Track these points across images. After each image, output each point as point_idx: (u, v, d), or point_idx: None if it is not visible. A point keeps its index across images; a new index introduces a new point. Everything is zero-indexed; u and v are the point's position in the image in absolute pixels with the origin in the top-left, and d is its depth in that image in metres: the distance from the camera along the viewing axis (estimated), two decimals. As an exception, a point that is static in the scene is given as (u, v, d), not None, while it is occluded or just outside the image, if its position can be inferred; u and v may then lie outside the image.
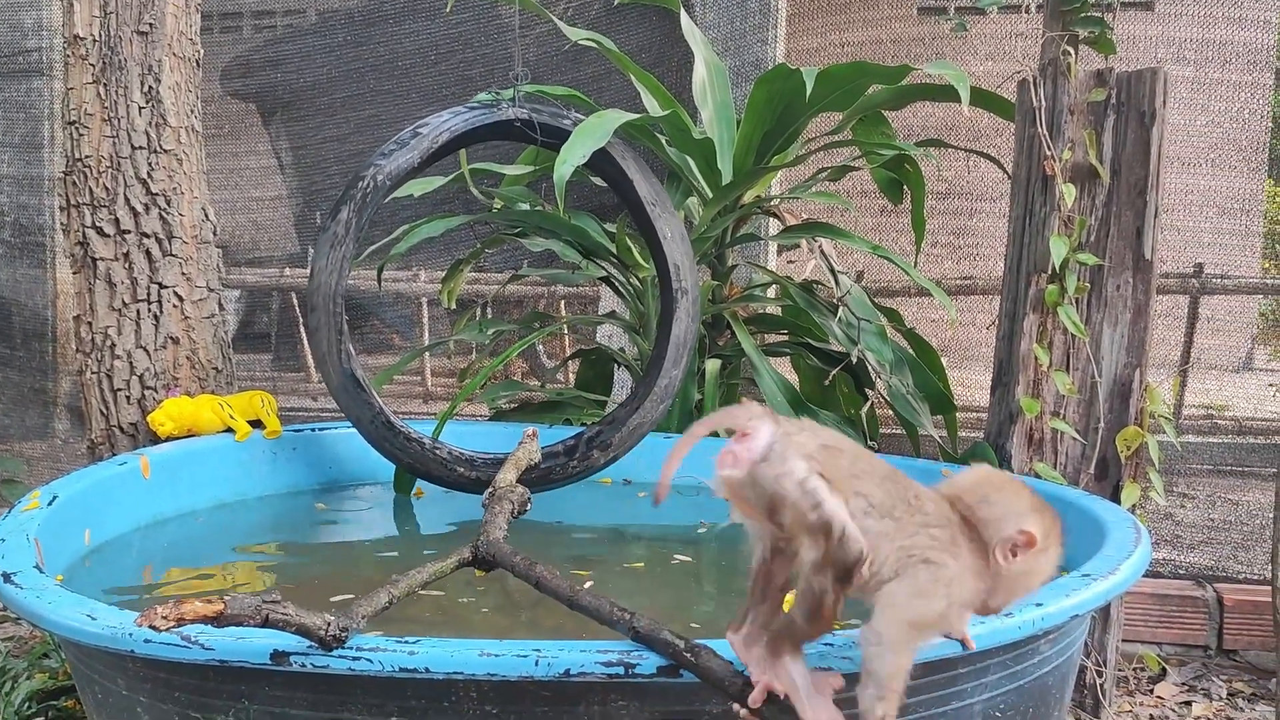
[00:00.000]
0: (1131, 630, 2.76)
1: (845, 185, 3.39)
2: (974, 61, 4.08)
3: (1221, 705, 2.56)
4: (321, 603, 1.41)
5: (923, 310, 3.96)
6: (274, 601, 1.30)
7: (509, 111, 2.45)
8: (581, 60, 4.12)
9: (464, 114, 2.44)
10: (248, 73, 5.44)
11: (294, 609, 1.32)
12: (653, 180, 2.54)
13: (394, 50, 4.81)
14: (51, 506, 2.00)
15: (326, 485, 2.61)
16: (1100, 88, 2.38)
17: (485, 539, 1.67)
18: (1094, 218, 2.41)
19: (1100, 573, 1.66)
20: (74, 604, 1.51)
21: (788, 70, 2.64)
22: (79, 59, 2.59)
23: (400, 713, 1.40)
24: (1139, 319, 2.41)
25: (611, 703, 1.38)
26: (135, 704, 1.53)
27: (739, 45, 3.93)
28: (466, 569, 1.67)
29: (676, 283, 2.51)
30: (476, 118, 2.43)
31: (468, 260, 3.22)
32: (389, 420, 2.34)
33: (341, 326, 2.31)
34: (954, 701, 1.49)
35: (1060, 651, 1.66)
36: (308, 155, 5.37)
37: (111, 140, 2.57)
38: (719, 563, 2.31)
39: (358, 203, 2.32)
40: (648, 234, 2.55)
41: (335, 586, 2.02)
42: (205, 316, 2.68)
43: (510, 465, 2.09)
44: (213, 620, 1.27)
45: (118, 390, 2.58)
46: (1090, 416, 2.43)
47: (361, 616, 1.39)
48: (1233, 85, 4.51)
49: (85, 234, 2.58)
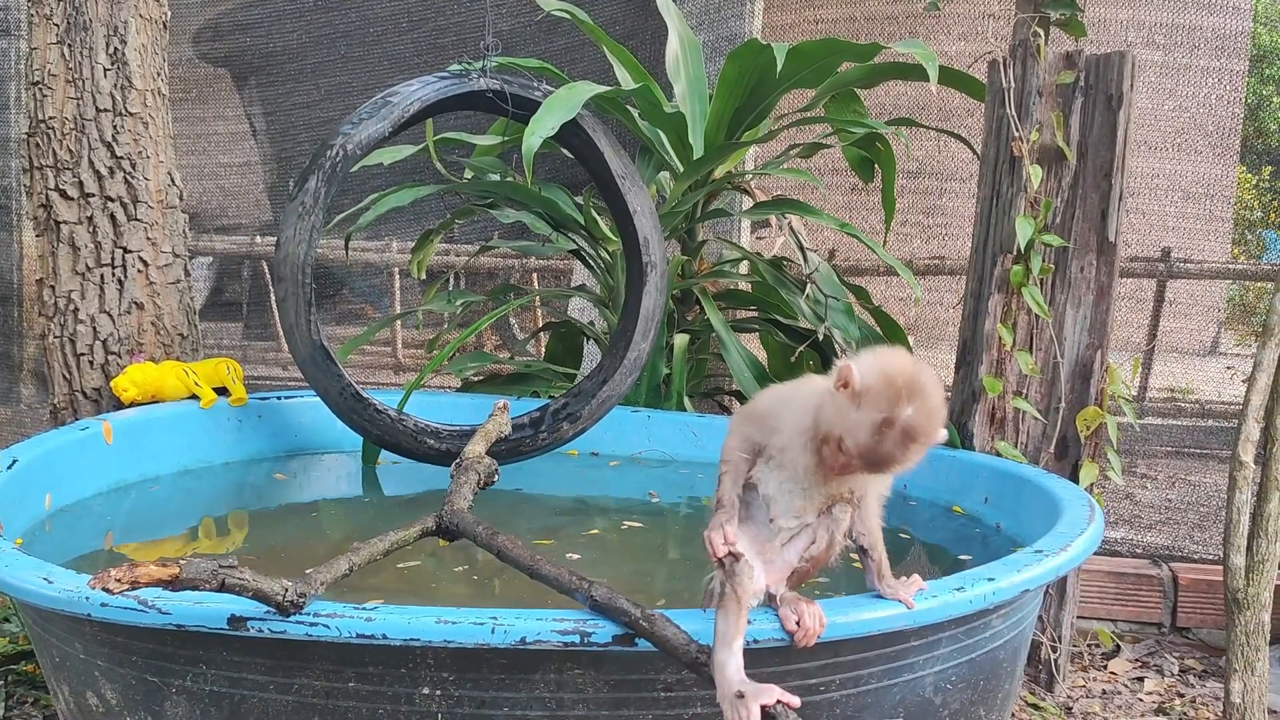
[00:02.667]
0: (1087, 607, 2.81)
1: (816, 163, 3.40)
2: (947, 41, 4.09)
3: (1173, 681, 2.61)
4: (286, 570, 1.41)
5: (891, 289, 3.98)
6: (230, 566, 1.30)
7: (480, 82, 2.43)
8: (554, 32, 4.10)
9: (435, 84, 2.41)
10: (218, 36, 5.37)
11: (250, 574, 1.32)
12: (623, 154, 2.54)
13: (365, 17, 4.77)
14: (11, 470, 1.99)
15: (290, 453, 2.61)
16: (1069, 70, 2.40)
17: (450, 509, 1.68)
18: (1060, 199, 2.43)
19: (1052, 549, 1.69)
20: (31, 567, 1.51)
21: (759, 46, 2.64)
22: (43, 18, 2.55)
23: (358, 679, 1.41)
24: (1102, 300, 2.44)
25: (567, 671, 1.39)
26: (93, 667, 1.53)
27: (714, 20, 3.92)
28: (430, 539, 1.68)
29: (646, 256, 2.51)
30: (447, 87, 2.41)
31: (437, 231, 3.21)
32: (357, 392, 2.34)
33: (310, 298, 2.29)
34: (905, 674, 1.51)
35: (1012, 626, 1.68)
36: (278, 121, 5.31)
37: (76, 102, 2.54)
38: (680, 534, 2.33)
39: (326, 172, 2.29)
40: (617, 208, 2.55)
41: (300, 554, 2.03)
42: (170, 282, 2.66)
43: (480, 437, 2.09)
44: (167, 584, 1.26)
45: (80, 355, 2.56)
46: (1052, 396, 2.46)
47: (320, 583, 1.40)
48: (1201, 71, 4.54)
49: (49, 197, 2.55)
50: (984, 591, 1.51)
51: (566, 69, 2.98)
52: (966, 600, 1.50)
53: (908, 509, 2.37)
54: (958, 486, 2.34)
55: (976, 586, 1.51)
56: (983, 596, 1.51)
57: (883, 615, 1.43)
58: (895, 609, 1.43)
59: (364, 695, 1.41)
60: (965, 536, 2.20)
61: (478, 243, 4.42)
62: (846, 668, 1.46)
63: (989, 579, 1.53)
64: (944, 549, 2.19)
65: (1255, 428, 2.24)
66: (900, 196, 3.07)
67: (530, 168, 2.28)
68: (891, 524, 2.32)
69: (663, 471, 2.64)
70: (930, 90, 2.58)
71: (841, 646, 1.44)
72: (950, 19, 4.19)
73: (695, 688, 1.41)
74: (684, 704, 1.42)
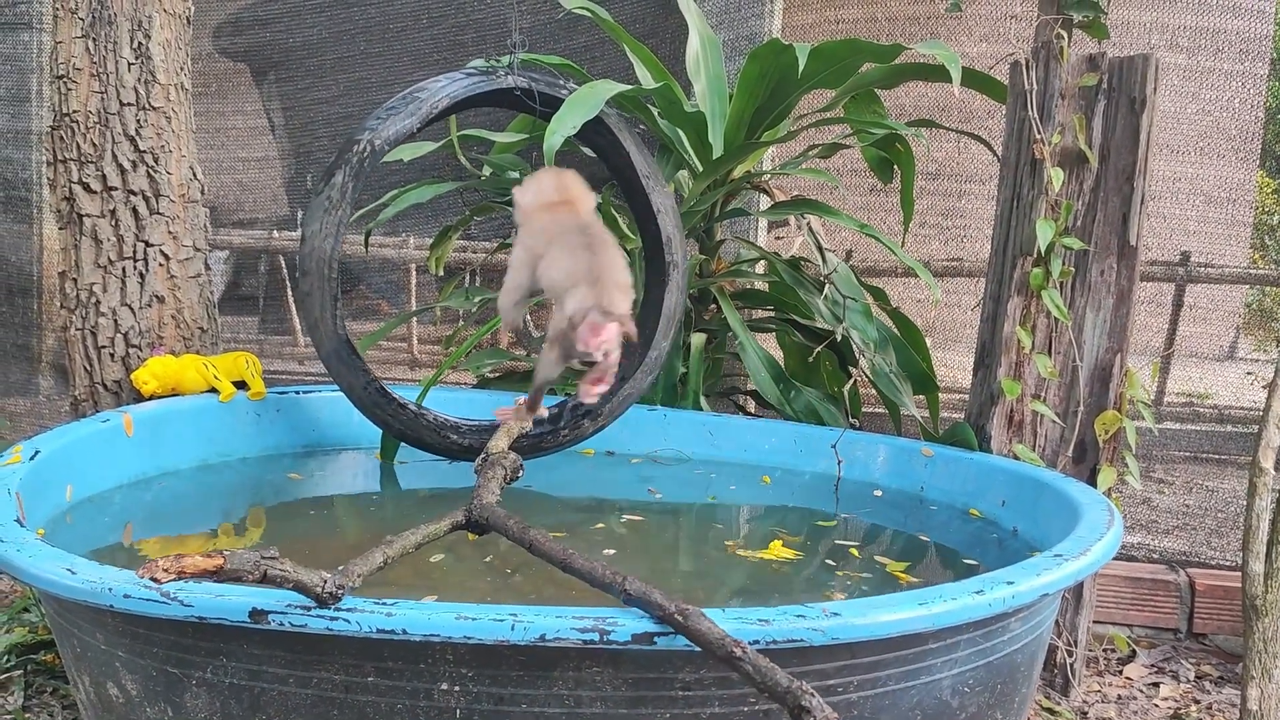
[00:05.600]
0: (1103, 611, 2.80)
1: (835, 163, 3.39)
2: (968, 42, 4.08)
3: (1189, 687, 2.60)
4: (307, 564, 1.42)
5: (909, 290, 3.97)
6: (272, 557, 1.32)
7: (508, 80, 2.43)
8: (575, 29, 4.10)
9: (463, 80, 2.41)
10: (238, 31, 5.39)
11: (291, 565, 1.33)
12: (647, 154, 2.54)
13: (385, 13, 4.78)
14: (34, 461, 2.00)
15: (308, 448, 2.62)
16: (1092, 73, 2.39)
17: (479, 503, 1.69)
18: (1081, 202, 2.42)
19: (1071, 553, 1.68)
20: (55, 558, 1.52)
21: (781, 46, 2.63)
22: (68, 13, 2.56)
23: (377, 673, 1.41)
24: (1122, 304, 2.43)
25: (586, 669, 1.40)
26: (114, 658, 1.54)
27: (734, 19, 3.92)
28: (460, 532, 1.68)
29: (669, 255, 2.51)
30: (475, 85, 2.41)
31: (456, 227, 3.22)
32: (381, 388, 2.35)
33: (336, 293, 2.29)
34: (923, 676, 1.51)
35: (1030, 630, 1.68)
36: (297, 116, 5.33)
37: (100, 96, 2.55)
38: (692, 531, 2.33)
39: (354, 167, 2.29)
40: (639, 206, 2.54)
41: (318, 548, 2.03)
42: (191, 276, 2.67)
43: (503, 432, 2.10)
44: (213, 575, 1.28)
45: (102, 348, 2.57)
46: (1070, 400, 2.45)
47: (357, 575, 1.41)
48: (1225, 74, 4.51)
49: (72, 190, 2.56)
50: (1003, 595, 1.51)
51: (587, 67, 2.98)
52: (985, 603, 1.50)
53: (925, 511, 2.37)
54: (975, 489, 2.34)
55: (995, 590, 1.51)
56: (1002, 600, 1.51)
57: (901, 617, 1.43)
58: (914, 610, 1.43)
59: (383, 690, 1.42)
60: (982, 540, 2.20)
61: (495, 240, 4.42)
62: (864, 669, 1.46)
63: (1008, 583, 1.53)
64: (959, 552, 2.19)
65: (1276, 434, 2.22)
66: (919, 198, 3.06)
67: (551, 164, 2.28)
68: (908, 527, 2.34)
69: (678, 470, 2.64)
70: (951, 91, 2.57)
71: (859, 648, 1.44)
72: (972, 20, 4.18)
73: (714, 687, 1.41)
74: (702, 703, 1.42)
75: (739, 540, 2.19)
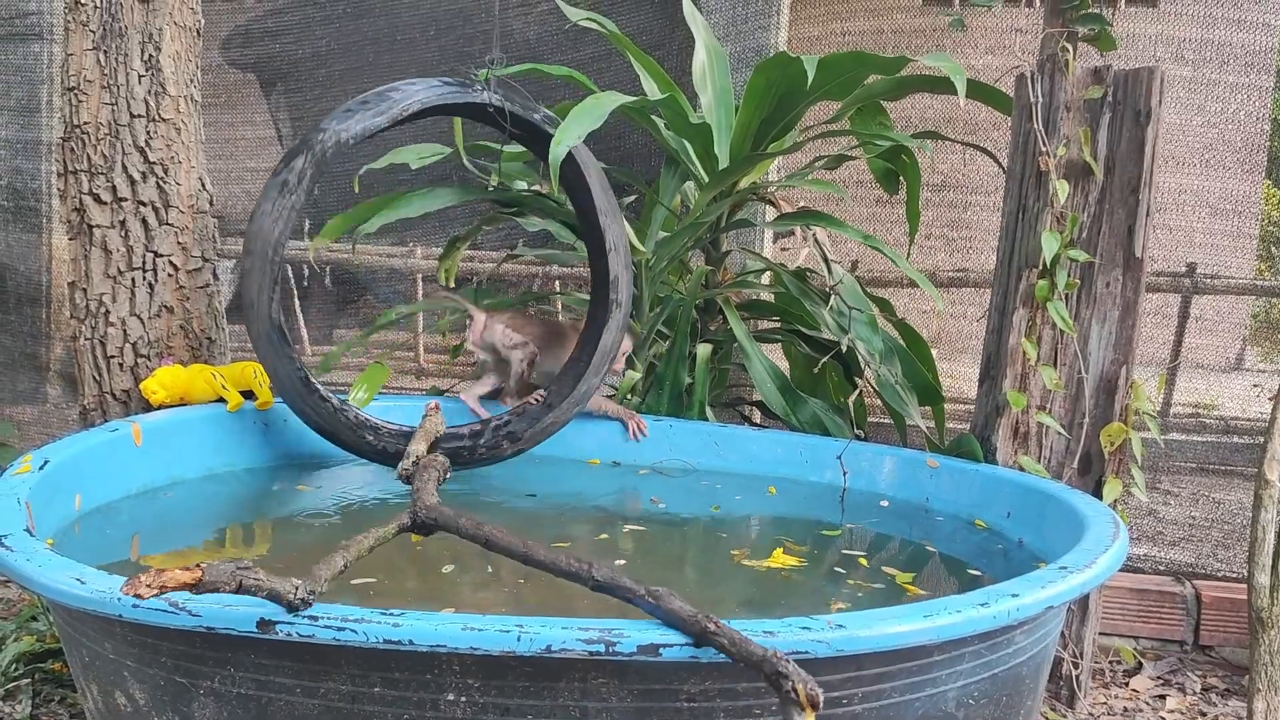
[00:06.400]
0: (1109, 623, 2.80)
1: (841, 174, 3.40)
2: (974, 55, 4.09)
3: (1195, 700, 2.60)
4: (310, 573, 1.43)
5: (914, 301, 3.98)
6: (246, 568, 1.35)
7: (483, 95, 2.44)
8: (582, 41, 4.12)
9: (437, 87, 2.41)
10: (247, 42, 5.42)
11: (264, 575, 1.35)
12: (609, 191, 2.56)
13: (393, 24, 4.80)
14: (43, 471, 2.01)
15: (315, 457, 2.63)
16: (1097, 85, 2.40)
17: (423, 504, 1.70)
18: (1086, 214, 2.43)
19: (1077, 566, 1.68)
20: (64, 568, 1.53)
21: (788, 58, 2.65)
22: (79, 24, 2.58)
23: (383, 684, 1.42)
24: (1127, 316, 2.43)
25: (591, 680, 1.40)
26: (122, 667, 1.55)
27: (740, 31, 3.93)
28: (469, 544, 1.68)
29: (614, 294, 2.54)
30: (449, 93, 2.42)
31: (465, 238, 3.23)
32: (306, 377, 2.35)
33: (276, 276, 2.28)
34: (927, 688, 1.51)
35: (1035, 642, 1.68)
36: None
37: (110, 107, 2.57)
38: (700, 540, 2.33)
39: (316, 155, 2.27)
40: (593, 241, 2.57)
41: (321, 558, 2.03)
42: (200, 286, 2.68)
43: (420, 437, 2.12)
44: (192, 586, 1.30)
45: (111, 357, 2.59)
46: (1075, 411, 2.45)
47: (323, 579, 1.42)
48: (1230, 86, 4.52)
49: (82, 200, 2.58)
50: (1008, 607, 1.51)
51: (594, 78, 2.99)
52: (990, 615, 1.50)
53: (930, 522, 2.37)
54: (980, 501, 2.34)
55: (1001, 602, 1.51)
56: (1007, 612, 1.51)
57: (906, 629, 1.43)
58: (919, 623, 1.44)
59: (389, 700, 1.42)
60: (987, 551, 2.20)
61: (501, 249, 4.44)
62: (869, 681, 1.46)
63: (1013, 595, 1.53)
64: (965, 563, 2.19)
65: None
66: (925, 209, 3.07)
67: (556, 177, 2.29)
68: (913, 537, 2.34)
69: (684, 480, 2.64)
70: (956, 104, 2.58)
71: (864, 660, 1.44)
72: (977, 33, 4.19)
73: (719, 699, 1.41)
74: (707, 715, 1.42)
75: (745, 550, 2.20)
